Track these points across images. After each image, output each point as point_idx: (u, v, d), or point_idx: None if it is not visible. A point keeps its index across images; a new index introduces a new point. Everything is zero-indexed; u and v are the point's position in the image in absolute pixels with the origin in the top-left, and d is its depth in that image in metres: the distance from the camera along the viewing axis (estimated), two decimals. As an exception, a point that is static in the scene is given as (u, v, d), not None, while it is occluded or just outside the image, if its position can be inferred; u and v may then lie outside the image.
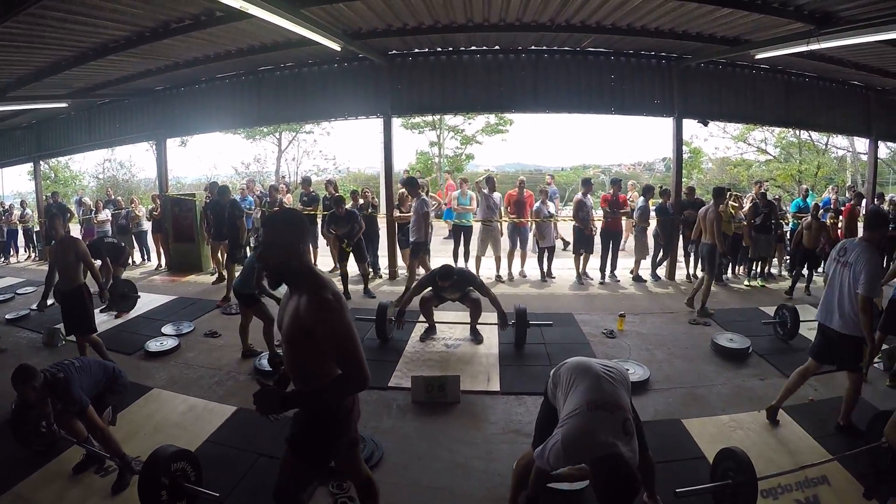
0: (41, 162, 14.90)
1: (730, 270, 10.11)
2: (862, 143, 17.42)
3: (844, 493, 3.39)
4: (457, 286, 6.25)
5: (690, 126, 10.22)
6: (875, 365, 5.33)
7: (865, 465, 3.54)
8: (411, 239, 8.52)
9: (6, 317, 7.59)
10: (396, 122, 10.58)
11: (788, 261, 10.37)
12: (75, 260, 5.50)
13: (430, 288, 6.39)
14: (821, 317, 4.23)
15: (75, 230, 12.63)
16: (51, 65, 8.39)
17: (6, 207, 14.41)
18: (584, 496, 3.40)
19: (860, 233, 9.79)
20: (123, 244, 8.96)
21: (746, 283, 9.37)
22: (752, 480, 3.05)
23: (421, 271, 8.51)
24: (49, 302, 5.99)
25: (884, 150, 20.25)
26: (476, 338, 6.44)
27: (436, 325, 6.66)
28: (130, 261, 11.87)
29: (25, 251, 14.00)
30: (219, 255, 9.87)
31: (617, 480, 2.30)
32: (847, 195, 12.06)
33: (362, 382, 2.21)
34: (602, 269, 9.71)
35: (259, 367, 5.63)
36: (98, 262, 7.10)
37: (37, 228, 13.36)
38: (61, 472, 3.78)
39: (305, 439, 2.46)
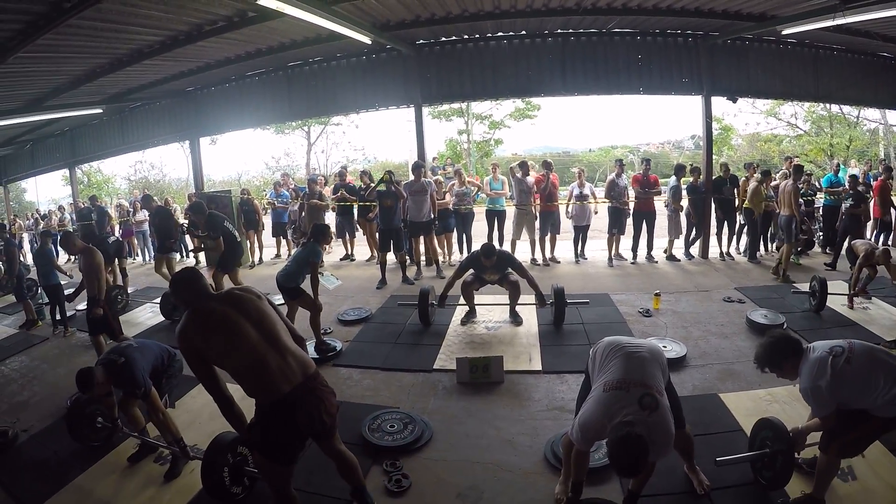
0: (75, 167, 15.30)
1: (762, 248, 10.07)
2: (894, 116, 17.10)
3: (878, 463, 3.43)
4: (497, 266, 6.37)
5: (719, 103, 10.16)
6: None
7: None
8: (432, 218, 9.01)
9: (56, 317, 7.73)
10: (425, 110, 10.70)
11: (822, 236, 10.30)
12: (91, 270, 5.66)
13: (471, 270, 6.52)
14: None
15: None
16: (86, 73, 8.63)
17: (44, 214, 14.81)
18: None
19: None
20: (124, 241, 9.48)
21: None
22: (789, 449, 3.12)
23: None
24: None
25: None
26: (515, 319, 6.55)
27: (476, 308, 6.78)
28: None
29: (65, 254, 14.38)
30: (163, 268, 9.02)
31: (623, 454, 2.50)
32: (879, 169, 11.84)
33: None
34: (634, 250, 9.78)
35: (306, 354, 5.79)
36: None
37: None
38: (118, 463, 3.93)
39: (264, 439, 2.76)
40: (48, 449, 4.15)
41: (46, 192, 27.76)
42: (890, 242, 10.23)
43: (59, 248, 7.45)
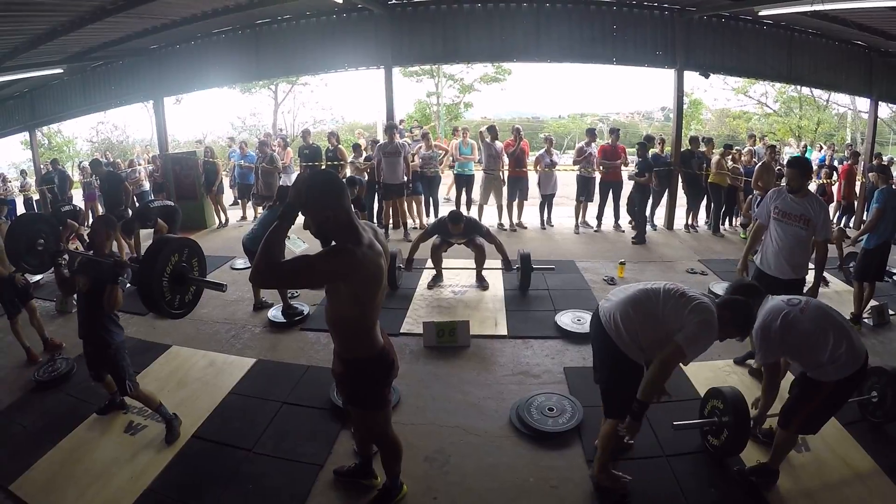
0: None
1: (727, 222, 10.28)
2: (863, 102, 17.40)
3: (830, 436, 3.53)
4: (464, 233, 6.39)
5: (691, 77, 10.23)
6: (865, 320, 5.55)
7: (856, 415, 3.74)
8: (406, 180, 9.13)
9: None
10: (395, 70, 10.60)
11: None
12: None
13: (437, 235, 6.53)
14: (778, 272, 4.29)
15: (78, 195, 12.67)
16: (47, 31, 8.23)
17: (6, 179, 14.26)
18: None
19: (857, 192, 9.96)
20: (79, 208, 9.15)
21: (743, 235, 9.50)
22: (739, 420, 3.21)
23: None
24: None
25: (885, 110, 20.13)
26: (482, 284, 6.61)
27: (442, 272, 6.80)
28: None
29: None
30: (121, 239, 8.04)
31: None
32: (845, 153, 12.10)
33: (254, 269, 2.25)
34: (599, 218, 9.91)
35: (272, 318, 5.76)
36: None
37: (36, 197, 13.27)
38: (88, 436, 3.84)
39: (355, 390, 2.72)
40: (17, 424, 4.04)
41: (5, 156, 26.52)
42: (851, 225, 10.54)
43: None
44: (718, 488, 3.20)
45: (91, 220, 8.42)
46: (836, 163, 11.43)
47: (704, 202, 10.33)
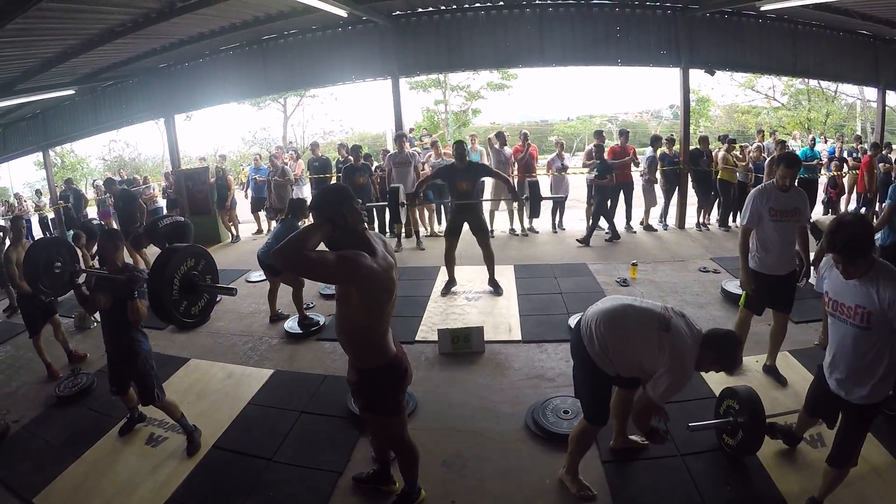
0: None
1: (737, 218, 10.23)
2: (872, 91, 17.28)
3: None
4: (469, 171, 6.36)
5: (697, 74, 10.21)
6: None
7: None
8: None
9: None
10: (402, 82, 10.70)
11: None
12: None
13: (441, 178, 6.65)
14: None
15: (92, 213, 12.83)
16: (57, 55, 8.39)
17: (21, 199, 14.49)
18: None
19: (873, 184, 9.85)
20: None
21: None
22: (753, 419, 3.20)
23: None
24: None
25: (894, 98, 19.87)
26: (496, 290, 6.61)
27: (455, 278, 6.81)
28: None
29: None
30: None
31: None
32: (854, 145, 12.02)
33: (281, 247, 2.20)
34: (610, 220, 9.85)
35: (289, 330, 5.81)
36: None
37: (51, 216, 13.48)
38: (110, 448, 3.93)
39: (370, 398, 2.79)
40: (40, 438, 4.13)
41: (20, 176, 26.84)
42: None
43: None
44: (734, 487, 3.20)
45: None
46: (845, 154, 11.35)
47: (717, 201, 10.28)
